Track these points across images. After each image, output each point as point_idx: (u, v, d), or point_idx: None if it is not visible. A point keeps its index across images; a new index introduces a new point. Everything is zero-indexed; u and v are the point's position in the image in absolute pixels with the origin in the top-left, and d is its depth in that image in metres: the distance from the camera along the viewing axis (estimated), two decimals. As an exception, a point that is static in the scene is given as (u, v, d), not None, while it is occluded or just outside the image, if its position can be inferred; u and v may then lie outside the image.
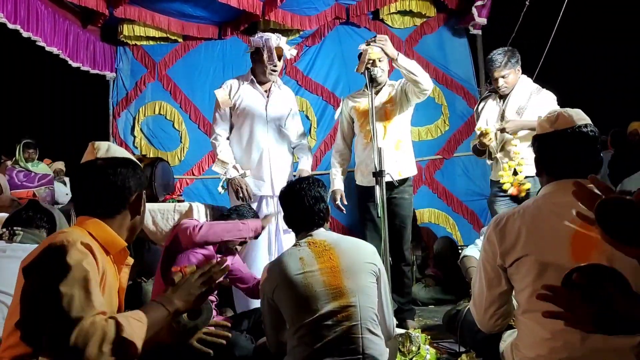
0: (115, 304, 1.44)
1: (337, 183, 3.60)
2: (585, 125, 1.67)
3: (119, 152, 1.53)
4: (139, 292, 3.62)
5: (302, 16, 5.43)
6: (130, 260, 1.54)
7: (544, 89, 3.43)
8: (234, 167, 3.39)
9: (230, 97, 3.46)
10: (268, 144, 3.46)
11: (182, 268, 1.47)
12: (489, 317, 1.77)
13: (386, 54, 3.17)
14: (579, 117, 1.69)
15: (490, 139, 3.35)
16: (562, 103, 1.79)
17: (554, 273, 1.51)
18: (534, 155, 1.80)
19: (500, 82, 3.38)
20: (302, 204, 2.07)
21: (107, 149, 1.51)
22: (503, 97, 3.46)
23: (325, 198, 2.13)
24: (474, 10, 5.20)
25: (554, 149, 1.69)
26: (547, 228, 1.59)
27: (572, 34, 4.91)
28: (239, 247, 2.96)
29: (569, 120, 1.67)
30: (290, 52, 3.54)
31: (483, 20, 5.30)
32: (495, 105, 3.50)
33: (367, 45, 3.15)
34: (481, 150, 3.48)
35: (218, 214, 3.57)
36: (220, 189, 3.52)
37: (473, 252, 2.85)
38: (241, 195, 3.34)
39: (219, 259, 1.52)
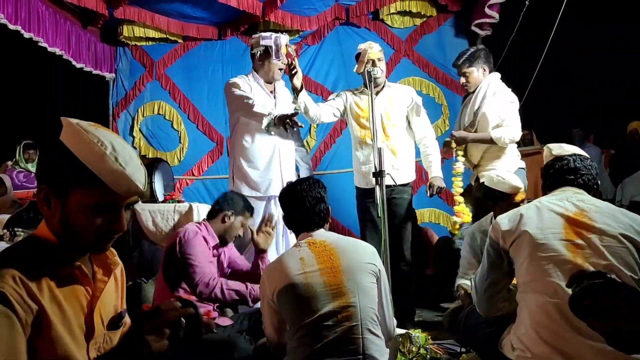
0: (79, 325, 1.24)
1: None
2: (579, 154, 2.04)
3: (64, 134, 1.23)
4: (139, 292, 3.61)
5: (302, 17, 5.43)
6: (115, 264, 1.35)
7: (505, 91, 3.36)
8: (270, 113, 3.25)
9: None
10: (278, 144, 3.45)
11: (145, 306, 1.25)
12: (487, 297, 1.97)
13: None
14: (574, 150, 2.07)
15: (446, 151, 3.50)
16: (564, 101, 1.90)
17: (549, 244, 1.78)
18: None
19: (462, 80, 3.42)
20: (303, 205, 2.07)
21: (64, 126, 1.25)
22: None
23: (325, 199, 2.13)
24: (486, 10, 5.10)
25: (553, 169, 2.04)
26: (544, 213, 1.87)
27: (572, 32, 4.89)
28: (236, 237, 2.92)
29: (566, 149, 2.06)
30: (290, 48, 3.51)
31: (494, 15, 5.14)
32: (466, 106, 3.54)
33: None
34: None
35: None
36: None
37: (463, 281, 2.87)
38: (292, 124, 3.21)
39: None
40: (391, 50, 5.62)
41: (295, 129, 3.30)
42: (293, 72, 3.22)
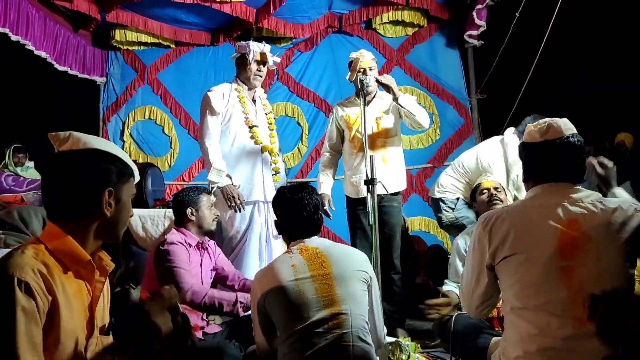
0: (81, 323, 1.29)
1: (325, 188, 3.55)
2: (573, 135, 1.74)
3: (82, 142, 1.31)
4: (127, 298, 3.58)
5: (295, 24, 5.46)
6: (110, 266, 1.38)
7: None
8: (227, 175, 3.33)
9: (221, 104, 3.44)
10: (259, 150, 3.44)
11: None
12: (475, 306, 1.86)
13: (393, 92, 3.20)
14: (567, 127, 1.76)
15: None
16: (554, 113, 1.83)
17: (540, 271, 1.62)
18: None
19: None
20: (304, 212, 2.07)
21: (65, 139, 1.30)
22: None
23: (320, 206, 2.13)
24: (474, 14, 5.15)
25: (542, 157, 1.76)
26: (534, 228, 1.67)
27: (562, 44, 4.95)
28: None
29: (558, 130, 1.74)
30: (273, 59, 3.52)
31: (482, 24, 5.20)
32: None
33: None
34: None
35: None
36: (212, 197, 3.44)
37: (451, 288, 2.87)
38: (234, 204, 3.27)
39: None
40: (383, 60, 5.65)
41: (235, 208, 3.30)
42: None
